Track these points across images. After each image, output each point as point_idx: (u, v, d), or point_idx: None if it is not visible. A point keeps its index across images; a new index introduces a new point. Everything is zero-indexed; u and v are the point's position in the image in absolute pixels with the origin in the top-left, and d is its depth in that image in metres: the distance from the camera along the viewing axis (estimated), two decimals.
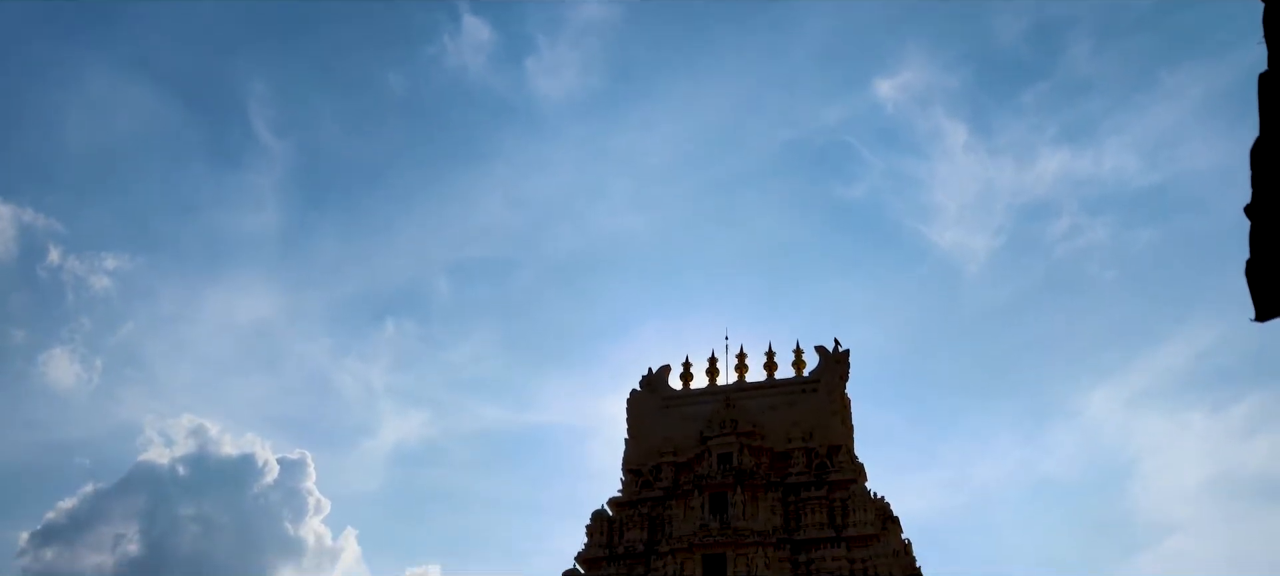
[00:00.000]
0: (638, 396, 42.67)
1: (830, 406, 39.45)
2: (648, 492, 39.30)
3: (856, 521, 35.52)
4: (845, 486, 36.85)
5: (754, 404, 40.29)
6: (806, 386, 40.40)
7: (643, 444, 41.15)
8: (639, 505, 38.86)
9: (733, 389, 41.20)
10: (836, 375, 40.27)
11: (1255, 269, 3.82)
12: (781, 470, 38.12)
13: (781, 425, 39.37)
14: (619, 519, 38.92)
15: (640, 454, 40.89)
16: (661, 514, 37.93)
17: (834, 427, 38.89)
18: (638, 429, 41.73)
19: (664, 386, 42.71)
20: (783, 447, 38.70)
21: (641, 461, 40.63)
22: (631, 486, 40.07)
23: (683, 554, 34.33)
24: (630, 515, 38.58)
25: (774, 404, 40.25)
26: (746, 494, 35.81)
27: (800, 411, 39.64)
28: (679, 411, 41.58)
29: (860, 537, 35.00)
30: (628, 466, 40.85)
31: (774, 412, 39.86)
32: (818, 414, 39.35)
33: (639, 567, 36.61)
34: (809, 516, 35.92)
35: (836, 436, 38.66)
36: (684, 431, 40.51)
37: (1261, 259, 3.77)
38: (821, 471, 37.73)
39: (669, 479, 39.27)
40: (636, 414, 42.18)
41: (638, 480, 40.19)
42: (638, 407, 42.33)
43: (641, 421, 41.82)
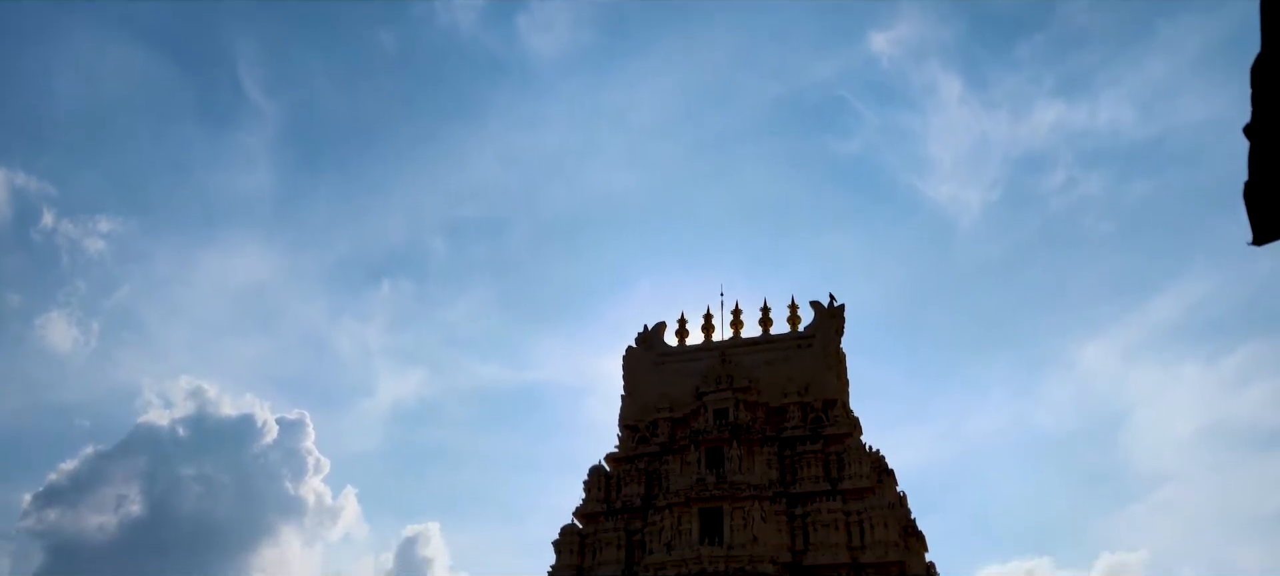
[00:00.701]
0: (634, 353, 42.76)
1: (825, 361, 39.57)
2: (644, 448, 39.52)
3: (851, 474, 35.76)
4: (840, 440, 37.06)
5: (749, 359, 40.40)
6: (802, 341, 40.49)
7: (639, 400, 41.30)
8: (636, 460, 39.09)
9: (728, 344, 41.29)
10: (831, 330, 40.35)
11: (1253, 191, 3.76)
12: (777, 424, 38.32)
13: (777, 380, 39.51)
14: (616, 474, 39.17)
15: (637, 410, 41.06)
16: (658, 469, 38.16)
17: (829, 382, 39.04)
18: (634, 385, 41.86)
19: (660, 343, 42.79)
20: (778, 402, 38.86)
21: (638, 417, 40.81)
22: (628, 442, 40.29)
23: (680, 508, 34.58)
24: (627, 470, 38.82)
25: (769, 359, 40.36)
26: (742, 448, 35.99)
27: (795, 366, 39.76)
28: (675, 368, 41.69)
29: (855, 490, 35.26)
30: (624, 422, 41.04)
31: (769, 368, 39.98)
32: (813, 368, 39.47)
33: (636, 521, 36.90)
34: (804, 470, 36.15)
35: (831, 390, 38.82)
36: (680, 387, 40.64)
37: (1260, 181, 3.71)
38: (817, 425, 37.93)
39: (665, 434, 39.47)
40: (632, 370, 42.29)
41: (634, 436, 40.40)
42: (634, 364, 42.43)
43: (638, 378, 41.94)
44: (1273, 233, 3.81)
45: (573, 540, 37.08)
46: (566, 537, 37.25)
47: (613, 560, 35.91)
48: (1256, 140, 3.72)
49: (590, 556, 36.63)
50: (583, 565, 36.51)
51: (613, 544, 36.27)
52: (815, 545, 33.89)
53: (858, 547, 33.74)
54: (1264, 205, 3.80)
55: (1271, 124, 3.59)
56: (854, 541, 33.95)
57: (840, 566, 33.13)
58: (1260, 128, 3.65)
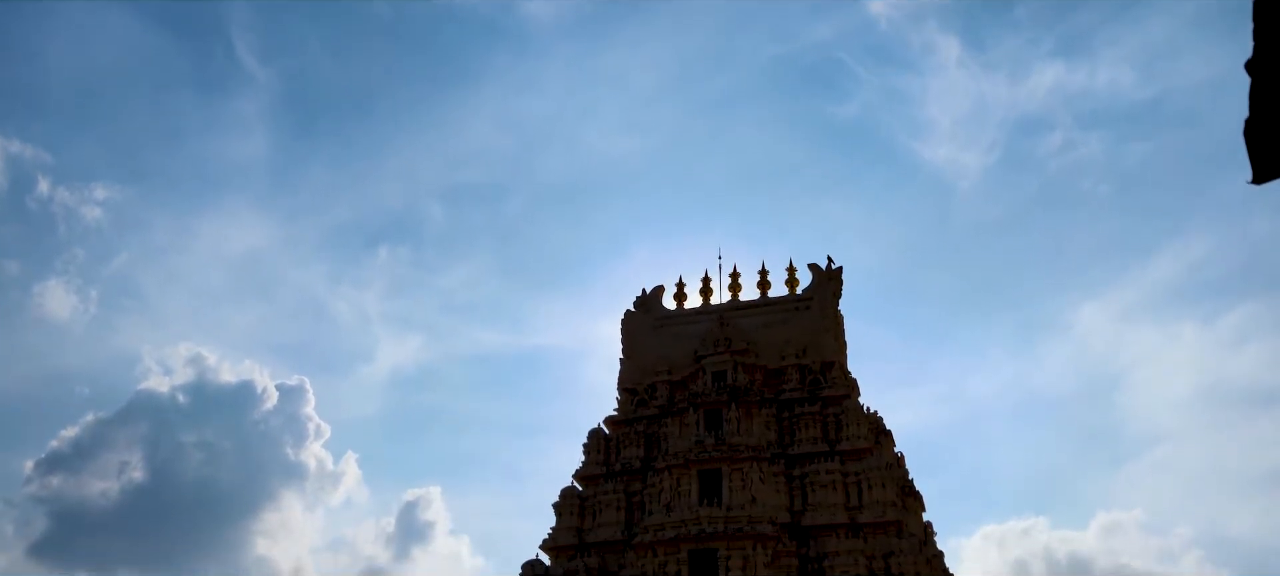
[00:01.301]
0: (632, 317, 42.80)
1: (823, 323, 39.62)
2: (643, 411, 39.67)
3: (849, 435, 35.94)
4: (838, 402, 37.20)
5: (748, 322, 40.46)
6: (800, 304, 40.53)
7: (638, 363, 41.40)
8: (635, 423, 39.26)
9: (727, 307, 41.32)
10: (829, 292, 40.37)
11: (1254, 129, 3.72)
12: (775, 386, 38.44)
13: (775, 342, 39.58)
14: (616, 437, 39.35)
15: (636, 373, 41.17)
16: (657, 431, 38.34)
17: (827, 344, 39.12)
18: (633, 349, 41.94)
19: (658, 306, 42.82)
20: (776, 364, 38.96)
21: (637, 380, 40.93)
22: (627, 405, 40.43)
23: (679, 469, 34.77)
24: (627, 433, 38.99)
25: (768, 321, 40.42)
26: (741, 410, 36.13)
27: (793, 328, 39.82)
28: (673, 331, 41.75)
29: (853, 451, 35.45)
30: (623, 386, 41.16)
31: (768, 330, 40.04)
32: (811, 331, 39.54)
33: (636, 483, 37.12)
34: (803, 431, 36.33)
35: (829, 353, 38.91)
36: (679, 350, 40.73)
37: (1261, 118, 3.67)
38: (815, 387, 38.06)
39: (664, 397, 39.60)
40: (631, 334, 42.35)
41: (633, 399, 40.54)
42: (632, 328, 42.49)
43: (636, 341, 42.01)
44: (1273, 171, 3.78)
45: (573, 502, 37.32)
46: (567, 499, 37.49)
47: (613, 521, 36.18)
48: (1257, 76, 3.67)
49: (590, 518, 36.89)
50: (583, 526, 36.79)
51: (612, 505, 36.51)
52: (813, 505, 34.13)
53: (856, 508, 33.99)
54: (1264, 143, 3.77)
55: (1273, 60, 3.54)
56: (852, 501, 34.19)
57: (838, 526, 33.39)
58: (1261, 64, 3.60)
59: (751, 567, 31.65)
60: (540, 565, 35.82)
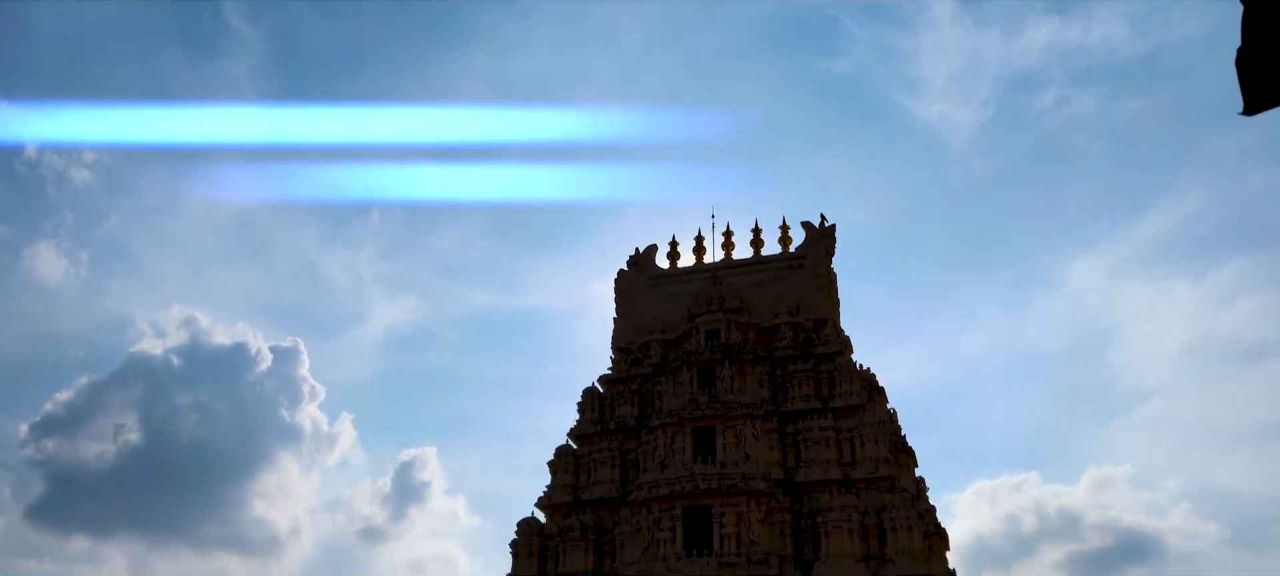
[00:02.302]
0: (625, 276, 42.80)
1: (816, 281, 39.67)
2: (637, 370, 39.79)
3: (842, 392, 36.12)
4: (831, 359, 37.34)
5: (741, 280, 40.49)
6: (793, 262, 40.54)
7: (631, 322, 41.46)
8: (629, 382, 39.39)
9: (720, 266, 41.33)
10: (822, 250, 40.37)
11: (1246, 59, 3.68)
12: (768, 344, 38.56)
13: (768, 300, 39.65)
14: (610, 395, 39.49)
15: (629, 332, 41.25)
16: (651, 390, 38.49)
17: (820, 302, 39.19)
18: (626, 308, 41.99)
19: (651, 265, 42.81)
20: (769, 322, 39.06)
21: (631, 339, 41.02)
22: (621, 364, 40.54)
23: (673, 427, 34.95)
24: (621, 392, 39.13)
25: (761, 280, 40.46)
26: (734, 368, 36.25)
27: (787, 286, 39.88)
28: (667, 290, 41.79)
29: (846, 408, 35.65)
30: (617, 345, 41.26)
31: (761, 288, 40.09)
32: (804, 289, 39.60)
33: (630, 441, 37.32)
34: (796, 388, 36.49)
35: (822, 310, 38.99)
36: (672, 309, 40.78)
37: (1253, 48, 3.63)
38: (808, 345, 38.18)
39: (658, 356, 39.71)
40: (625, 293, 42.38)
41: (627, 358, 40.64)
42: (626, 287, 42.50)
43: (630, 300, 42.05)
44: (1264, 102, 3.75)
45: (568, 460, 37.53)
46: (562, 458, 37.70)
47: (607, 479, 36.41)
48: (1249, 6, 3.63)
49: (585, 476, 37.12)
50: (578, 484, 37.02)
51: (607, 463, 36.73)
52: (806, 462, 34.37)
53: (848, 464, 34.24)
54: (1256, 74, 3.73)
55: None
56: (845, 457, 34.43)
57: (831, 482, 33.65)
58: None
59: (745, 523, 31.93)
60: (536, 522, 36.10)
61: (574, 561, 34.50)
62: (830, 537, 32.01)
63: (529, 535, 35.58)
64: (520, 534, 35.81)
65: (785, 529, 32.59)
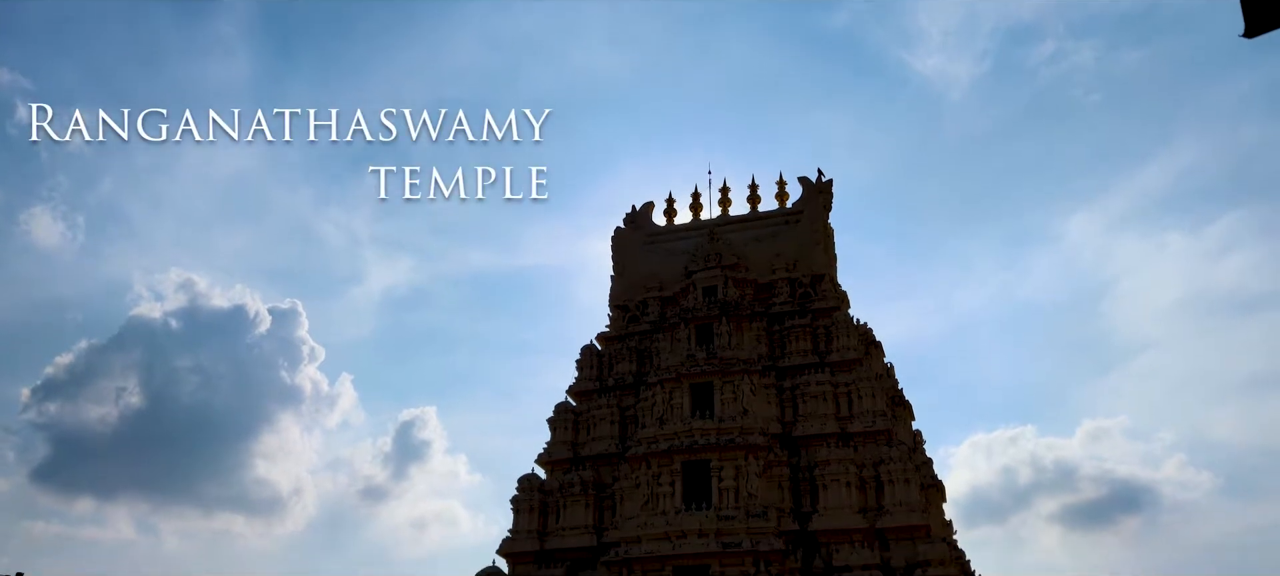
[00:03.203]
0: (622, 234, 42.76)
1: (813, 236, 39.66)
2: (635, 327, 39.89)
3: (839, 347, 36.25)
4: (828, 314, 37.44)
5: (738, 236, 40.47)
6: (790, 217, 40.51)
7: (629, 280, 41.49)
8: (627, 339, 39.50)
9: (716, 222, 41.29)
10: (819, 205, 40.32)
11: None
12: (766, 300, 38.63)
13: (765, 256, 39.66)
14: (608, 353, 39.62)
15: (626, 290, 41.30)
16: (649, 346, 38.60)
17: (817, 257, 39.21)
18: (623, 265, 42.00)
19: (648, 223, 42.75)
20: (767, 278, 39.10)
21: (628, 297, 41.07)
22: (619, 321, 40.63)
23: (671, 383, 35.10)
24: (619, 349, 39.26)
25: (758, 236, 40.44)
26: (732, 324, 36.34)
27: (783, 242, 39.88)
28: (663, 247, 41.77)
29: (843, 362, 35.80)
30: (614, 302, 41.32)
31: (758, 244, 40.09)
32: (801, 244, 39.60)
33: (629, 398, 37.50)
34: (793, 344, 36.61)
35: (819, 265, 39.03)
36: (669, 266, 40.79)
37: None
38: (805, 300, 38.26)
39: (655, 313, 39.80)
40: (621, 251, 42.36)
41: (625, 315, 40.72)
42: (622, 244, 42.48)
43: (627, 258, 42.05)
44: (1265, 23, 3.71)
45: (567, 417, 37.74)
46: (561, 415, 37.90)
47: (606, 435, 36.64)
48: None
49: (584, 432, 37.34)
50: (577, 441, 37.26)
51: (606, 420, 36.94)
52: (804, 416, 34.58)
53: (846, 417, 34.46)
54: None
55: None
56: (842, 411, 34.64)
57: (828, 436, 33.89)
58: None
59: (743, 477, 32.19)
60: (536, 479, 36.38)
61: (574, 516, 34.83)
62: (828, 490, 32.29)
63: (530, 491, 35.87)
64: (521, 490, 36.10)
65: (783, 482, 32.86)
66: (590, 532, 34.39)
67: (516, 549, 35.02)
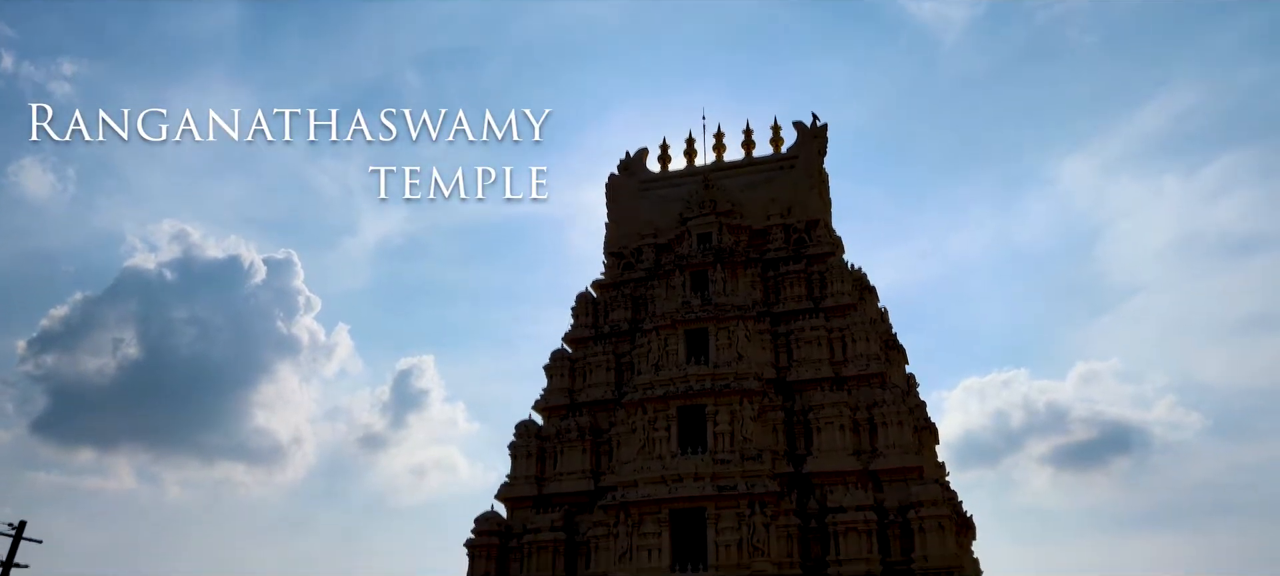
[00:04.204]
0: (616, 180, 42.71)
1: (808, 182, 39.65)
2: (630, 274, 40.02)
3: (834, 292, 36.45)
4: (823, 259, 37.58)
5: (732, 182, 40.45)
6: (784, 163, 40.46)
7: (623, 227, 41.54)
8: (622, 286, 39.66)
9: (711, 169, 41.24)
10: (814, 150, 40.27)
11: None
12: (760, 246, 38.74)
13: (760, 202, 39.69)
14: (603, 300, 39.80)
15: (621, 237, 41.36)
16: (644, 293, 38.78)
17: (812, 202, 39.24)
18: (617, 212, 42.01)
19: (642, 169, 42.69)
20: (761, 224, 39.17)
21: (623, 244, 41.15)
22: (614, 269, 40.76)
23: (666, 330, 35.33)
24: (614, 296, 39.43)
25: (752, 182, 40.42)
26: (726, 271, 36.50)
27: (778, 188, 39.87)
28: (658, 193, 41.76)
29: (837, 307, 36.02)
30: (609, 250, 41.41)
31: (752, 190, 40.09)
32: (795, 189, 39.61)
33: (624, 345, 37.77)
34: (787, 289, 36.80)
35: (814, 211, 39.08)
36: (664, 213, 40.82)
37: None
38: (800, 246, 38.37)
39: (650, 260, 39.91)
40: (615, 197, 42.36)
41: (619, 262, 40.84)
42: (616, 191, 42.46)
43: (621, 205, 42.05)
44: None
45: (563, 364, 38.03)
46: (557, 362, 38.19)
47: (602, 382, 36.95)
48: None
49: (581, 378, 37.66)
50: (574, 387, 37.58)
51: (602, 366, 37.23)
52: (798, 361, 34.88)
53: (840, 362, 34.76)
54: None
55: None
56: (836, 356, 34.94)
57: (823, 380, 34.21)
58: None
59: (738, 421, 32.56)
60: (533, 425, 36.77)
61: (571, 461, 35.27)
62: (822, 433, 32.70)
63: (527, 437, 36.28)
64: (518, 436, 36.51)
65: (778, 426, 33.26)
66: (587, 477, 34.87)
67: (515, 494, 35.51)
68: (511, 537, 34.21)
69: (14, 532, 30.08)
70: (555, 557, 33.12)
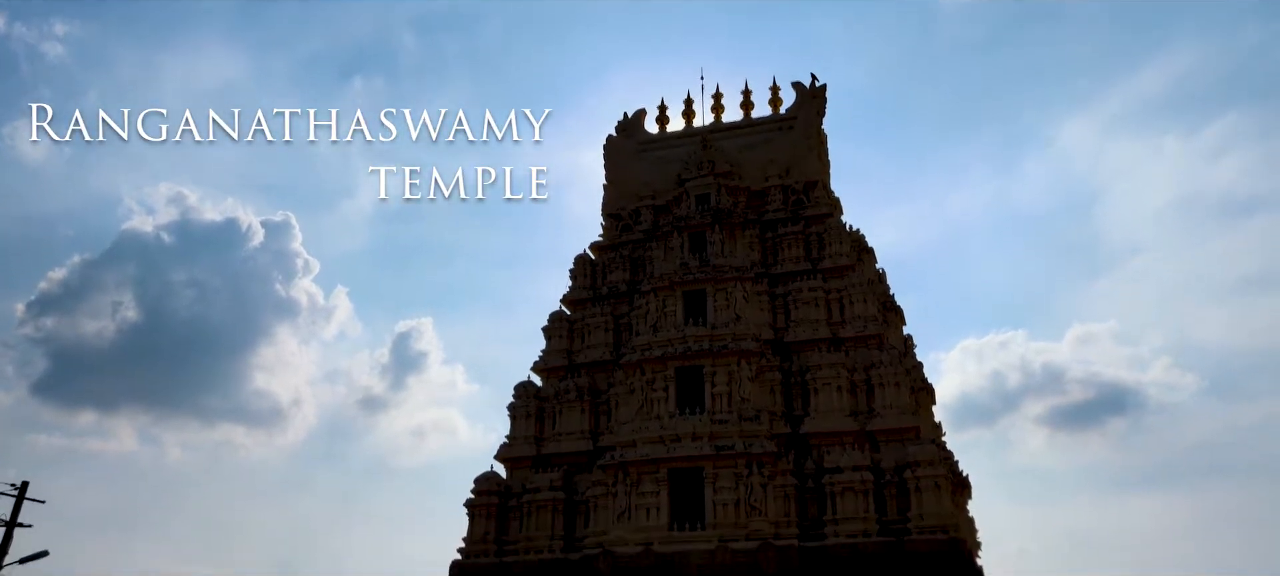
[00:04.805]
0: (614, 142, 42.56)
1: (806, 143, 39.52)
2: (628, 236, 40.00)
3: (831, 253, 36.45)
4: (821, 220, 37.55)
5: (730, 143, 40.32)
6: (783, 124, 40.30)
7: (621, 189, 41.45)
8: (620, 248, 39.65)
9: (709, 130, 41.08)
10: (813, 111, 40.10)
11: None
12: (758, 208, 38.69)
13: (758, 163, 39.58)
14: (602, 262, 39.81)
15: (619, 198, 41.28)
16: (643, 255, 38.78)
17: (810, 163, 39.14)
18: (616, 174, 41.90)
19: (640, 130, 42.52)
20: (759, 186, 39.10)
21: (621, 206, 41.08)
22: (612, 230, 40.72)
23: (664, 291, 35.39)
24: (612, 258, 39.43)
25: (750, 142, 40.29)
26: (724, 232, 36.49)
27: (777, 149, 39.74)
28: (656, 155, 41.62)
29: (835, 268, 36.04)
30: (607, 211, 41.35)
31: (751, 151, 39.97)
32: (794, 150, 39.48)
33: (623, 306, 37.83)
34: (785, 250, 36.80)
35: (812, 172, 38.98)
36: (662, 174, 40.71)
37: None
38: (798, 207, 38.32)
39: (648, 221, 39.87)
40: (614, 159, 42.23)
41: (618, 224, 40.80)
42: (615, 153, 42.31)
43: (619, 166, 41.93)
44: None
45: (562, 325, 38.10)
46: (556, 323, 38.26)
47: (601, 343, 37.05)
48: None
49: (579, 340, 37.75)
50: (573, 348, 37.69)
51: (600, 328, 37.31)
52: (796, 322, 34.97)
53: (838, 322, 34.84)
54: None
55: None
56: (834, 317, 35.01)
57: (820, 341, 34.31)
58: None
59: (736, 382, 32.70)
60: (532, 386, 36.91)
61: (570, 422, 35.45)
62: (819, 394, 32.86)
63: (526, 398, 36.43)
64: (518, 397, 36.66)
65: (775, 386, 33.40)
66: (586, 437, 35.07)
67: (514, 454, 35.72)
68: (511, 497, 34.47)
69: (16, 493, 30.28)
70: (554, 516, 33.39)
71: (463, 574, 33.35)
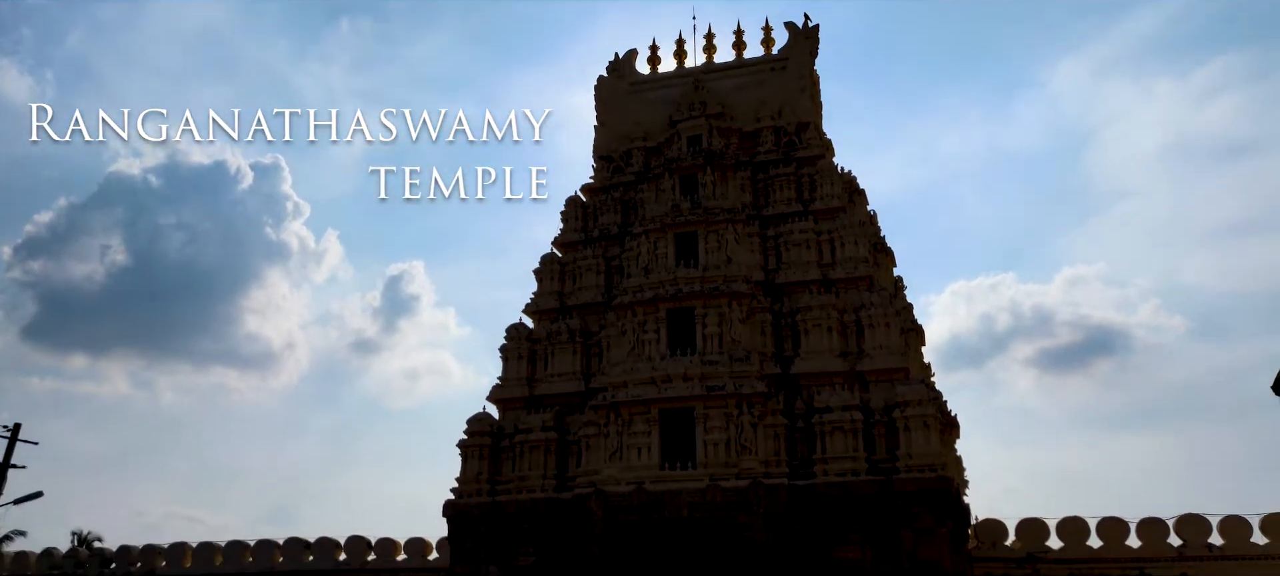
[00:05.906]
0: (605, 83, 42.22)
1: (799, 84, 39.29)
2: (619, 178, 39.86)
3: (823, 195, 36.42)
4: (813, 162, 37.46)
5: (723, 84, 40.06)
6: (775, 64, 40.02)
7: (612, 130, 41.22)
8: (612, 190, 39.53)
9: (701, 71, 40.77)
10: (805, 51, 39.80)
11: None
12: (750, 149, 38.55)
13: (750, 104, 39.36)
14: (593, 204, 39.71)
15: (610, 140, 41.07)
16: (634, 197, 38.68)
17: (802, 105, 38.94)
18: (606, 115, 41.64)
19: (631, 71, 42.17)
20: (752, 127, 38.92)
21: (612, 148, 40.89)
22: (603, 172, 40.57)
23: (656, 233, 35.38)
24: (603, 200, 39.34)
25: (743, 83, 40.03)
26: (716, 174, 36.39)
27: (769, 90, 39.50)
28: (647, 96, 41.34)
29: (826, 210, 36.04)
30: (598, 153, 41.15)
31: (743, 92, 39.72)
32: (786, 92, 39.24)
33: (614, 248, 37.82)
34: (777, 192, 36.75)
35: (805, 113, 38.80)
36: (653, 116, 40.47)
37: None
38: (790, 149, 38.20)
39: (640, 163, 39.71)
40: (604, 100, 41.93)
41: (609, 166, 40.63)
42: (605, 94, 42.01)
43: (610, 108, 41.65)
44: None
45: (553, 268, 38.12)
46: (547, 265, 38.27)
47: (592, 285, 37.12)
48: None
49: (571, 282, 37.80)
50: (564, 291, 37.75)
51: (592, 270, 37.34)
52: (787, 264, 35.04)
53: (828, 264, 34.93)
54: None
55: None
56: (824, 258, 35.08)
57: (811, 282, 34.41)
58: None
59: (727, 323, 32.85)
60: (524, 328, 37.02)
61: (562, 363, 35.63)
62: (810, 335, 33.04)
63: (518, 340, 36.55)
64: (509, 339, 36.78)
65: (766, 328, 33.58)
66: (578, 378, 35.27)
67: (506, 395, 35.94)
68: (503, 438, 34.75)
69: (9, 435, 30.40)
70: (546, 456, 33.71)
71: (456, 513, 33.74)
